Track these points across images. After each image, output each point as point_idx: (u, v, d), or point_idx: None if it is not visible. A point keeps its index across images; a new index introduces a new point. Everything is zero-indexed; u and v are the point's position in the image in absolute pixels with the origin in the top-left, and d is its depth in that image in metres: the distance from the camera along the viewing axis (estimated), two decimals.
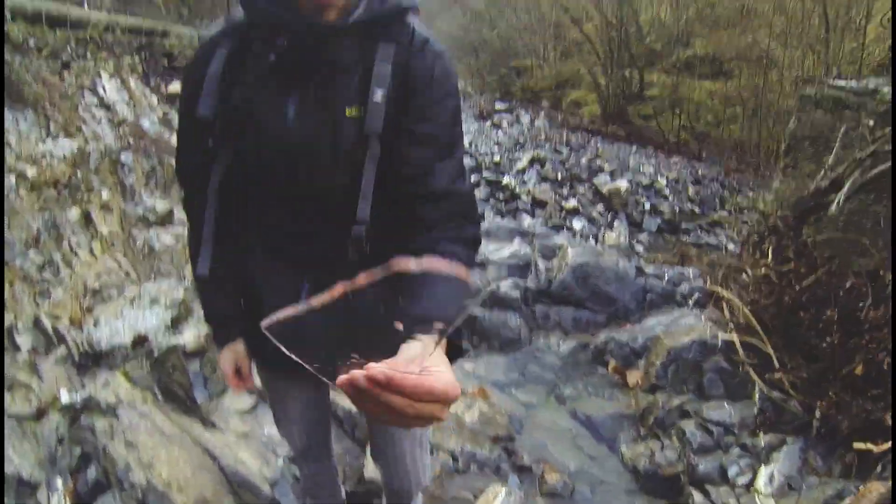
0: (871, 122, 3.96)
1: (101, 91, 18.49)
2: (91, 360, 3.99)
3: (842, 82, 4.54)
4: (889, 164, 3.54)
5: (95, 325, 4.37)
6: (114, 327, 4.29)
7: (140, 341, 3.98)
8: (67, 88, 16.43)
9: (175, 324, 4.25)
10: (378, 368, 0.58)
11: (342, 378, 0.60)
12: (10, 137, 10.32)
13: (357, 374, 0.59)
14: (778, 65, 19.14)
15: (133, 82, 20.98)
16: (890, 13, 15.74)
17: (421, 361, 0.68)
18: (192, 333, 3.54)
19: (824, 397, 3.09)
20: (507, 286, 4.57)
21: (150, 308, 4.65)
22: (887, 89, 4.14)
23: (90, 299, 5.49)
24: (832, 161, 3.97)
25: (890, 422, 2.73)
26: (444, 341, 0.77)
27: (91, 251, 6.76)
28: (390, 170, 1.13)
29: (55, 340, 4.04)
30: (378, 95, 1.10)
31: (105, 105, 17.87)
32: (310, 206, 1.18)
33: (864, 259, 3.58)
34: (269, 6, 1.10)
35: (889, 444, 2.62)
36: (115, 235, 7.12)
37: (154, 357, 3.17)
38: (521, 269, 4.83)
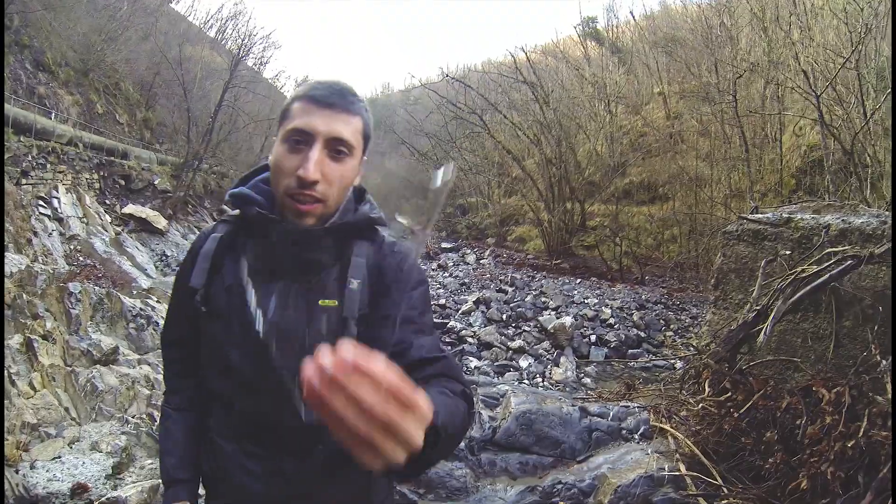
0: (788, 252, 4.33)
1: (56, 204, 18.18)
2: None
3: (759, 216, 4.93)
4: (808, 288, 3.86)
5: (32, 467, 4.16)
6: (52, 471, 4.09)
7: (79, 490, 3.80)
8: (23, 197, 16.17)
9: (117, 471, 4.08)
10: (346, 353, 0.68)
11: (309, 370, 0.68)
12: None
13: (325, 360, 0.68)
14: (707, 184, 20.55)
15: (89, 199, 20.74)
16: (800, 122, 17.46)
17: None
18: (136, 486, 3.40)
19: None
20: None
21: (90, 453, 4.47)
22: (800, 216, 4.54)
23: (27, 435, 5.22)
24: (756, 293, 4.26)
25: None
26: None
27: (31, 383, 6.50)
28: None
29: None
30: (354, 284, 1.33)
31: (58, 218, 17.54)
32: (281, 393, 1.24)
33: (797, 375, 3.79)
34: (258, 211, 1.31)
35: None
36: (57, 369, 6.90)
37: None
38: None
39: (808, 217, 4.47)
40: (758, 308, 4.05)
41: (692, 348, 4.92)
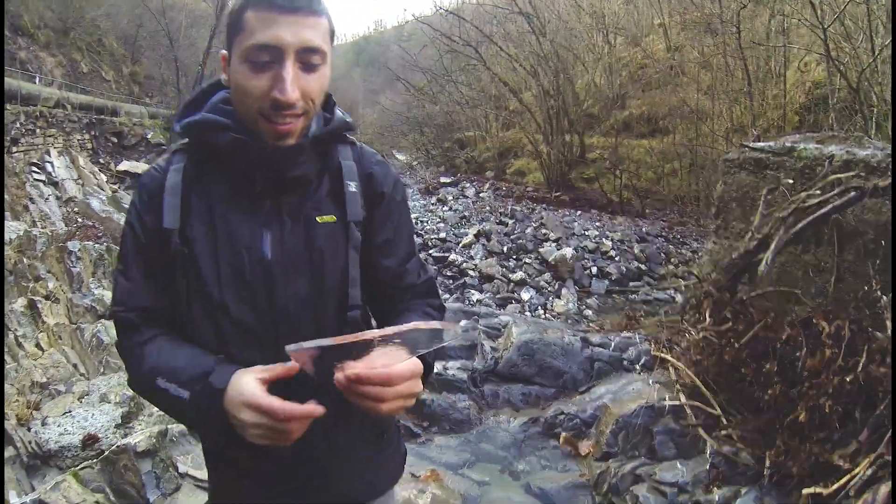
0: (791, 181, 4.26)
1: (49, 168, 18.23)
2: (40, 461, 3.87)
3: (761, 144, 4.84)
4: (810, 219, 3.82)
5: (43, 424, 4.25)
6: (62, 426, 4.18)
7: (90, 441, 3.88)
8: (15, 165, 16.22)
9: (126, 421, 4.16)
10: (353, 370, 0.94)
11: (339, 378, 0.94)
12: None
13: (339, 375, 0.94)
14: (708, 118, 20.25)
15: (82, 160, 20.72)
16: (807, 57, 17.05)
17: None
18: (144, 432, 3.47)
19: (773, 446, 3.18)
20: (454, 368, 4.61)
21: (99, 405, 4.55)
22: (803, 146, 4.45)
23: (37, 394, 5.33)
24: (757, 222, 4.21)
25: (839, 462, 2.86)
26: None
27: (37, 343, 6.59)
28: (366, 268, 1.26)
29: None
30: (352, 186, 1.24)
31: (53, 182, 17.62)
32: (291, 308, 1.18)
33: (798, 307, 3.78)
34: (234, 137, 1.14)
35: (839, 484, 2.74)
36: (63, 327, 6.98)
37: (105, 457, 3.08)
38: (467, 350, 4.87)
39: (811, 147, 4.38)
40: (759, 237, 4.01)
41: (693, 276, 4.90)
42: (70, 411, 4.39)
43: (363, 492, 1.35)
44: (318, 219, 1.19)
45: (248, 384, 1.00)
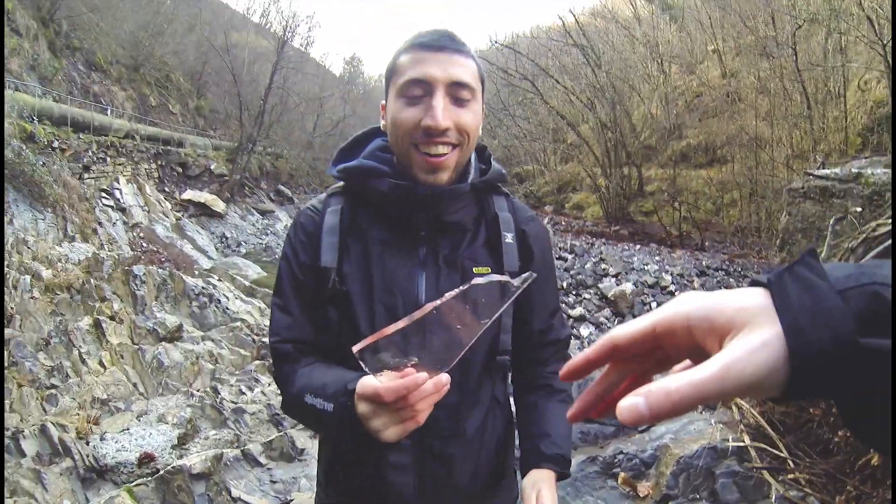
0: (859, 209, 4.06)
1: (117, 195, 19.15)
2: (96, 475, 3.97)
3: (826, 171, 4.67)
4: (881, 248, 3.62)
5: (102, 438, 4.37)
6: (120, 442, 4.30)
7: (146, 459, 3.96)
8: (86, 190, 17.11)
9: (182, 442, 4.24)
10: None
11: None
12: (29, 237, 10.71)
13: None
14: (768, 144, 19.68)
15: (149, 188, 21.74)
16: (867, 76, 16.40)
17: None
18: (199, 455, 3.52)
19: (843, 492, 3.00)
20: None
21: (156, 425, 4.66)
22: (871, 171, 4.26)
23: (97, 410, 5.52)
24: (825, 254, 4.04)
25: None
26: None
27: (100, 361, 6.84)
28: (514, 321, 1.30)
29: (61, 451, 4.03)
30: (509, 237, 1.27)
31: (121, 208, 18.49)
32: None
33: None
34: (393, 182, 1.18)
35: None
36: (125, 347, 7.22)
37: (160, 476, 3.13)
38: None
39: (879, 171, 4.19)
40: None
41: None
42: (128, 429, 4.51)
43: None
44: (474, 269, 1.22)
45: (367, 380, 0.98)
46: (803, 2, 18.73)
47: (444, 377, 0.93)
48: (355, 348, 0.90)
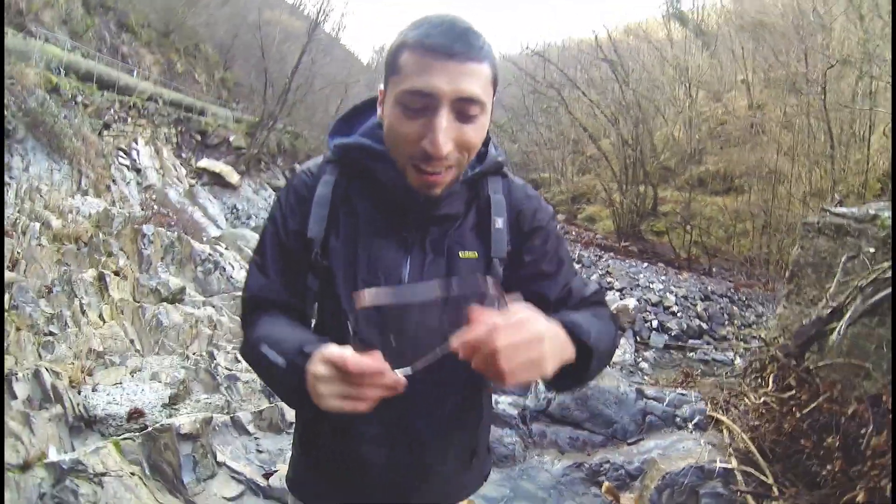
0: (872, 250, 4.03)
1: (134, 155, 19.31)
2: (84, 424, 3.99)
3: (843, 209, 4.64)
4: (889, 290, 3.60)
5: (94, 390, 4.39)
6: (111, 395, 4.31)
7: (136, 414, 3.98)
8: (104, 147, 17.20)
9: (173, 402, 4.26)
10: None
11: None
12: (43, 185, 10.80)
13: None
14: (787, 179, 19.59)
15: (166, 152, 21.89)
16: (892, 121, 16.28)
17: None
18: (189, 416, 3.53)
19: None
20: (505, 403, 4.57)
21: (149, 382, 4.68)
22: (887, 214, 4.23)
23: (92, 362, 5.55)
24: (833, 290, 4.01)
25: None
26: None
27: (100, 314, 6.87)
28: (532, 297, 1.11)
29: (52, 397, 4.05)
30: (499, 222, 1.21)
31: (136, 169, 18.62)
32: (420, 337, 1.12)
33: (867, 382, 3.57)
34: (388, 170, 1.13)
35: None
36: (126, 303, 7.25)
37: (147, 432, 3.15)
38: (520, 387, 4.83)
39: None
40: (834, 305, 3.81)
41: (759, 339, 4.70)
42: (120, 383, 4.53)
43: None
44: (460, 254, 1.18)
45: (332, 346, 0.94)
46: (837, 43, 18.63)
47: (402, 382, 0.91)
48: (360, 294, 0.93)
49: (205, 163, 24.04)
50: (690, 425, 4.39)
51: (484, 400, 1.35)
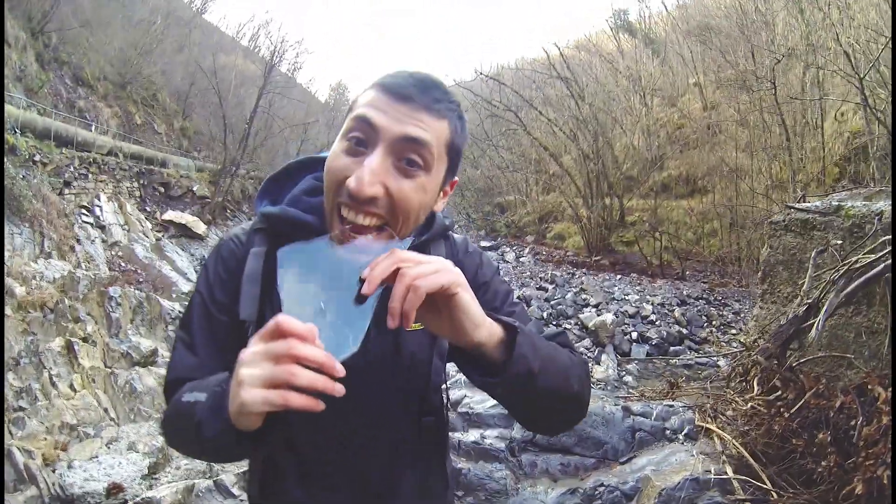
0: (840, 241, 4.09)
1: (97, 212, 19.01)
2: None
3: (807, 204, 4.70)
4: (862, 280, 3.64)
5: (70, 466, 4.21)
6: (88, 471, 4.14)
7: (115, 490, 3.82)
8: (66, 206, 16.90)
9: (152, 472, 4.10)
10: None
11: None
12: (4, 252, 10.44)
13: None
14: (747, 175, 19.99)
15: (129, 207, 21.57)
16: (843, 107, 16.79)
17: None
18: (170, 486, 3.40)
19: None
20: (492, 437, 4.50)
21: (126, 453, 4.51)
22: (850, 203, 4.30)
23: (66, 436, 5.34)
24: (807, 285, 4.05)
25: None
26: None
27: (71, 384, 6.65)
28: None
29: (26, 477, 3.88)
30: None
31: (100, 226, 18.29)
32: (367, 409, 1.10)
33: (850, 372, 3.58)
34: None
35: None
36: (97, 371, 7.05)
37: None
38: (506, 418, 4.76)
39: (858, 204, 4.23)
40: (809, 301, 3.84)
41: (739, 344, 4.72)
42: (97, 457, 4.37)
43: None
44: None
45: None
46: (782, 37, 19.21)
47: (339, 367, 0.79)
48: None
49: (170, 215, 23.75)
50: (681, 436, 4.37)
51: (444, 482, 1.29)
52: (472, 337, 0.89)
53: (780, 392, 3.66)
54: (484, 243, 27.35)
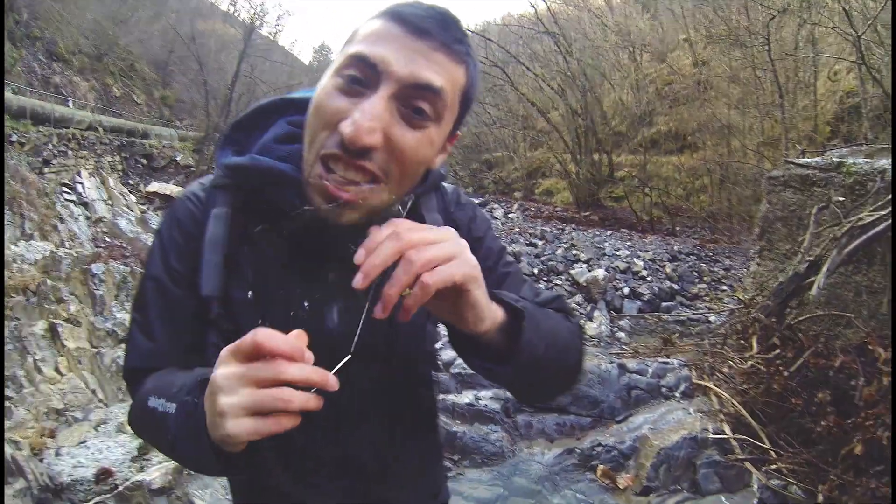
0: (842, 198, 4.01)
1: (79, 189, 18.61)
2: (52, 494, 3.74)
3: (807, 160, 4.61)
4: (864, 238, 3.56)
5: (57, 455, 4.12)
6: (76, 458, 4.05)
7: (104, 475, 3.74)
8: (46, 185, 16.53)
9: (142, 453, 4.02)
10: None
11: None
12: None
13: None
14: (739, 132, 19.87)
15: (112, 181, 21.16)
16: (837, 66, 16.64)
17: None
18: (160, 468, 3.33)
19: (826, 480, 3.00)
20: (486, 398, 4.45)
21: (115, 435, 4.41)
22: (852, 160, 4.21)
23: (53, 421, 5.23)
24: (808, 242, 3.97)
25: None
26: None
27: (56, 368, 6.52)
28: None
29: (14, 470, 3.79)
30: None
31: (83, 203, 17.94)
32: (356, 383, 0.94)
33: (850, 331, 3.54)
34: (295, 202, 0.87)
35: None
36: (83, 351, 6.92)
37: (119, 493, 2.94)
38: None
39: (860, 161, 4.14)
40: (810, 258, 3.76)
41: (738, 300, 4.65)
42: (85, 441, 4.28)
43: None
44: None
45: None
46: None
47: (333, 380, 0.69)
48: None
49: (154, 186, 23.43)
50: (677, 394, 4.36)
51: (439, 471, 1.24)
52: (473, 328, 0.77)
53: (779, 350, 3.63)
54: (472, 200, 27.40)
